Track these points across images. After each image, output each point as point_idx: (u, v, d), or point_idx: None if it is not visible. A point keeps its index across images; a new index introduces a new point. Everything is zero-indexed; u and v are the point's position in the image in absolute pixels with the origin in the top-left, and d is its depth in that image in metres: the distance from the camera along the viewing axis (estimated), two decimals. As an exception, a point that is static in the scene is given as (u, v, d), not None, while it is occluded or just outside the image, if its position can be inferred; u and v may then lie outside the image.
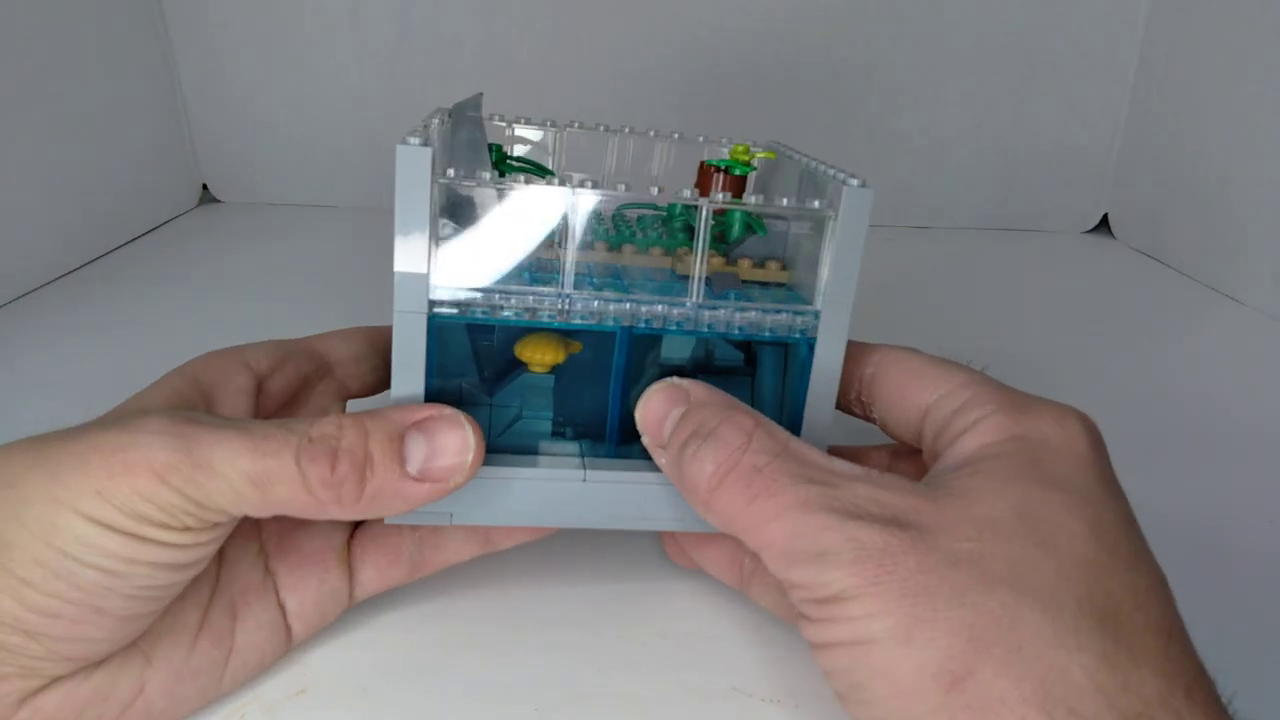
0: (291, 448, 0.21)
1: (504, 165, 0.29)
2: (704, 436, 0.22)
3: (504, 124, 0.31)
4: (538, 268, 0.25)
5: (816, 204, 0.25)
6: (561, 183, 0.24)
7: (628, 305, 0.25)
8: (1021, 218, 0.70)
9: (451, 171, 0.24)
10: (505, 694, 0.25)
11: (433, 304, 0.24)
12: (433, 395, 0.24)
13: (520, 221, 0.25)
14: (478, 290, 0.24)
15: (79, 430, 0.21)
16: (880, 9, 0.65)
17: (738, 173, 0.29)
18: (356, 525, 0.27)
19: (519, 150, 0.31)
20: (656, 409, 0.24)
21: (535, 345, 0.26)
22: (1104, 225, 0.70)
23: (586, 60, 0.66)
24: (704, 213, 0.24)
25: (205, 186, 0.70)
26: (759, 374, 0.28)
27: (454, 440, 0.23)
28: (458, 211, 0.25)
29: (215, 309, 0.50)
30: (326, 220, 0.67)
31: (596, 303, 0.25)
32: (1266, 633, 0.28)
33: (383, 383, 0.29)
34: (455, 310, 0.24)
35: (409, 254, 0.23)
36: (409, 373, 0.24)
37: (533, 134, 0.31)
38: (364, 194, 0.68)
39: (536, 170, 0.29)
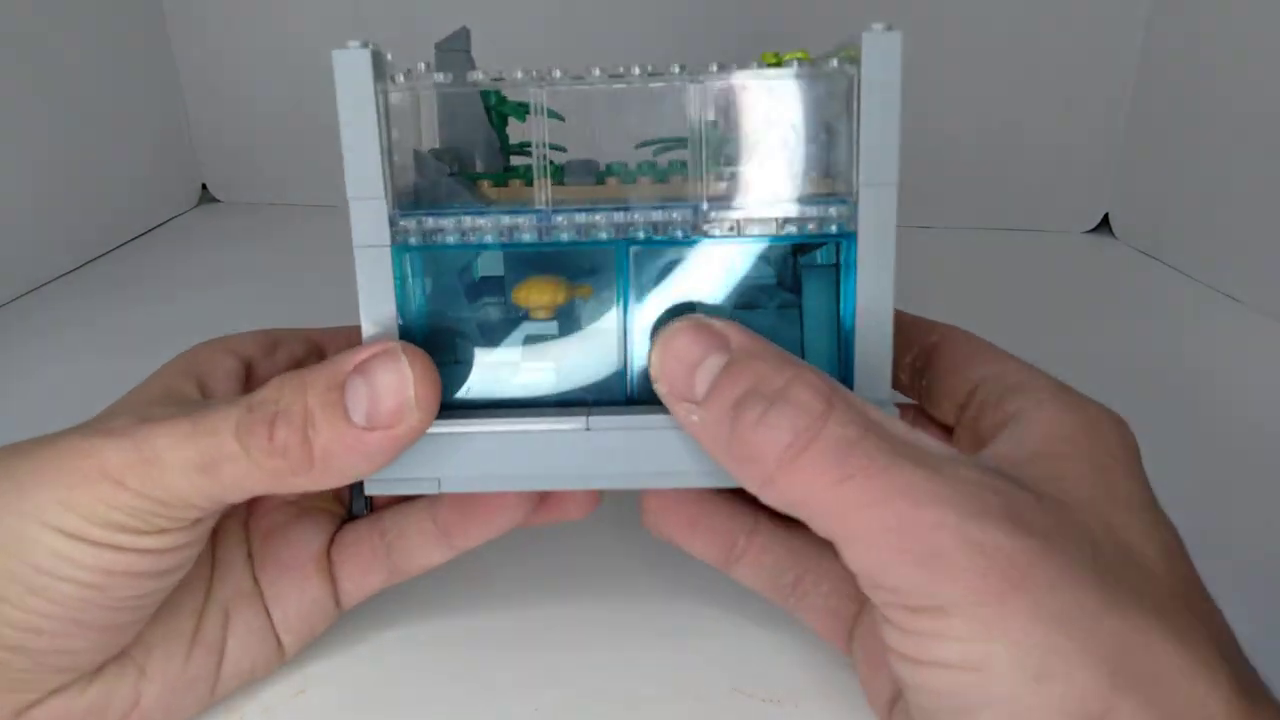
0: (231, 421, 0.20)
1: (502, 108, 0.25)
2: (770, 398, 0.19)
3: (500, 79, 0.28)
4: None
5: (834, 63, 0.21)
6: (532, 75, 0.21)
7: (621, 214, 0.21)
8: (1021, 217, 0.70)
9: (401, 77, 0.21)
10: (504, 694, 0.25)
11: (396, 233, 0.21)
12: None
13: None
14: (446, 214, 0.21)
15: (48, 438, 0.20)
16: (880, 7, 0.65)
17: None
18: (337, 531, 0.26)
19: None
20: (683, 352, 0.20)
21: (534, 287, 0.23)
22: (1105, 225, 0.70)
23: (588, 63, 0.66)
24: (702, 92, 0.21)
25: (204, 186, 0.70)
26: (806, 306, 0.23)
27: (390, 377, 0.20)
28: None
29: (215, 309, 0.50)
30: (326, 220, 0.67)
31: (583, 215, 0.21)
32: (1264, 636, 0.27)
33: None
34: (421, 239, 0.21)
35: (361, 177, 0.21)
36: (378, 322, 0.21)
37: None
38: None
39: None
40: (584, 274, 0.23)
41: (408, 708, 0.25)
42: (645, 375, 0.22)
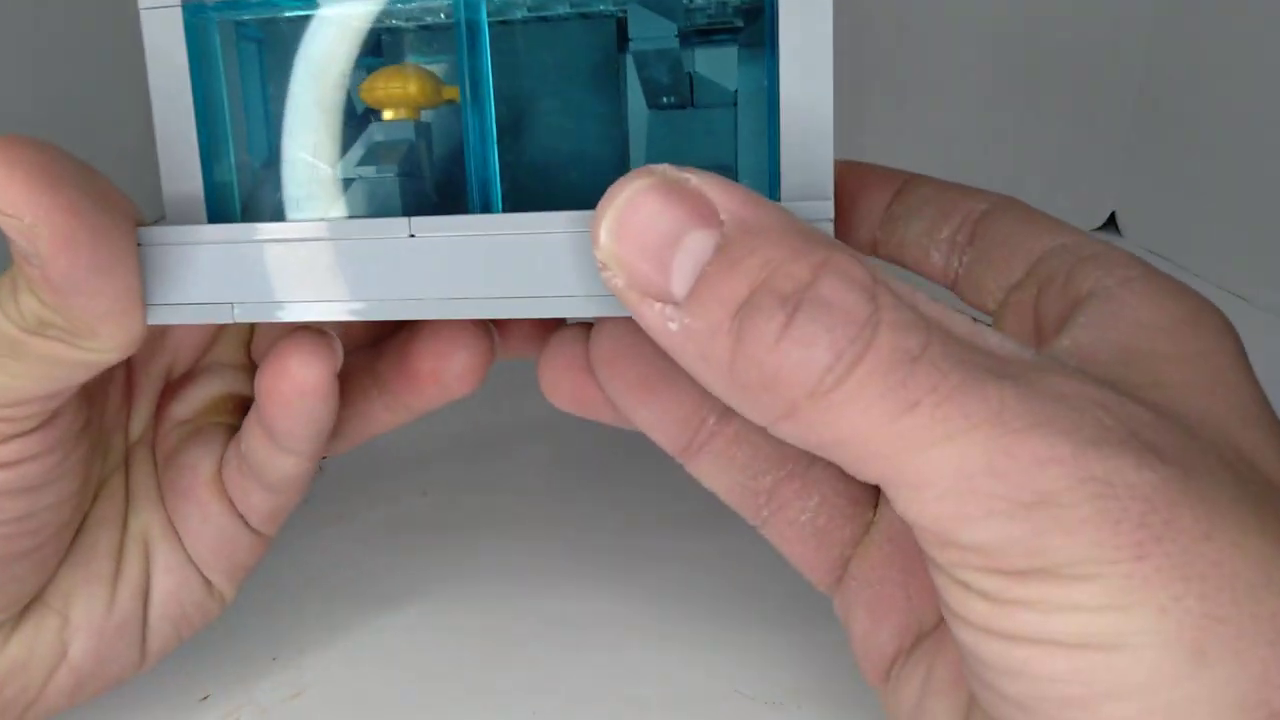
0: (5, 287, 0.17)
1: None
2: (792, 298, 0.13)
3: None
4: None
5: None
6: None
7: None
8: (1027, 215, 0.70)
9: None
10: (503, 697, 0.25)
11: None
12: (221, 162, 0.18)
13: None
14: None
15: None
16: (883, 3, 0.65)
17: None
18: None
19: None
20: (648, 226, 0.14)
21: (383, 77, 0.18)
22: (1111, 223, 0.69)
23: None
24: None
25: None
26: (742, 97, 0.17)
27: None
28: None
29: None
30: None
31: None
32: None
33: None
34: None
35: None
36: (173, 119, 0.18)
37: None
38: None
39: None
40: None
41: (404, 710, 0.24)
42: (511, 177, 0.17)
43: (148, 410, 0.23)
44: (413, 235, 0.16)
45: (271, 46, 0.18)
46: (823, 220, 0.15)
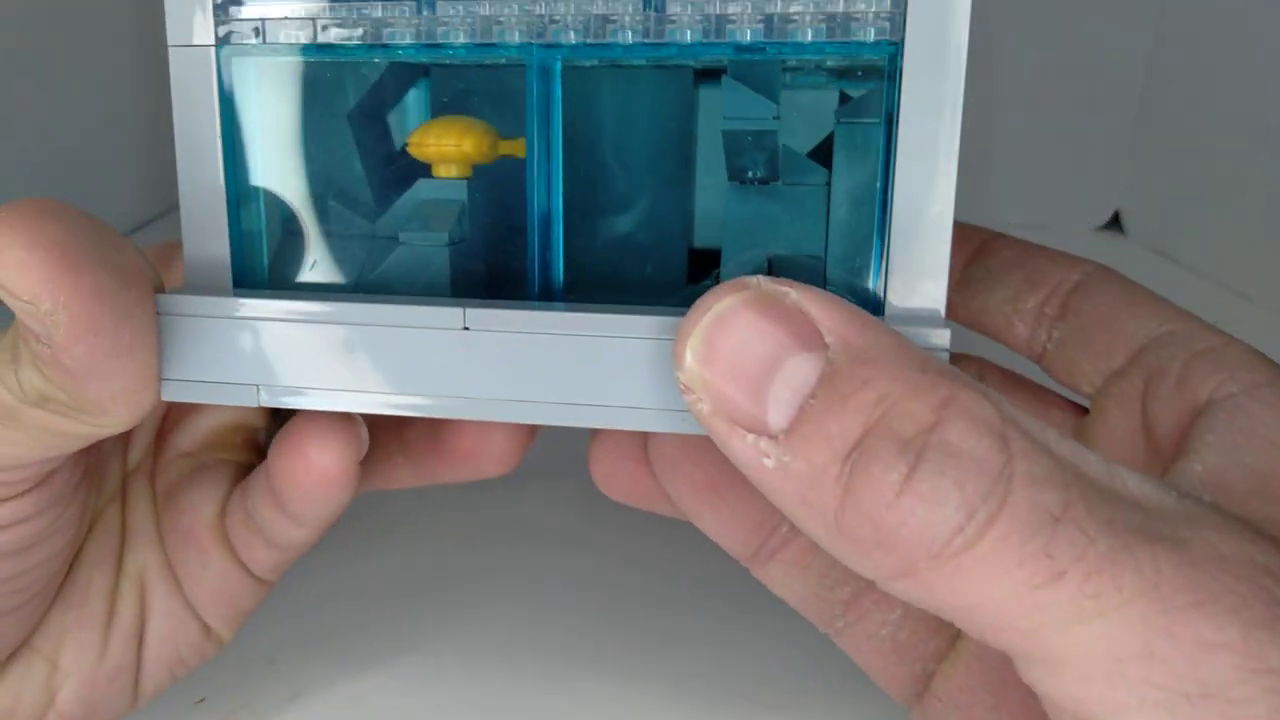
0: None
1: None
2: (914, 445, 0.12)
3: None
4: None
5: None
6: None
7: (543, 6, 0.14)
8: (1030, 214, 0.70)
9: None
10: (502, 700, 0.24)
11: (223, 28, 0.16)
12: (251, 218, 0.17)
13: None
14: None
15: None
16: (887, 2, 0.64)
17: None
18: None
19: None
20: (742, 349, 0.12)
21: (436, 130, 0.16)
22: (1115, 222, 0.69)
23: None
24: None
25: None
26: (835, 183, 0.15)
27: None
28: None
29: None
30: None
31: (485, 6, 0.15)
32: None
33: None
34: (255, 38, 0.16)
35: None
36: (199, 171, 0.16)
37: None
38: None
39: None
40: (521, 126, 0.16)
41: (400, 716, 0.24)
42: (573, 262, 0.16)
43: (148, 437, 0.21)
44: (467, 328, 0.14)
45: (311, 92, 0.17)
46: (938, 351, 0.13)
